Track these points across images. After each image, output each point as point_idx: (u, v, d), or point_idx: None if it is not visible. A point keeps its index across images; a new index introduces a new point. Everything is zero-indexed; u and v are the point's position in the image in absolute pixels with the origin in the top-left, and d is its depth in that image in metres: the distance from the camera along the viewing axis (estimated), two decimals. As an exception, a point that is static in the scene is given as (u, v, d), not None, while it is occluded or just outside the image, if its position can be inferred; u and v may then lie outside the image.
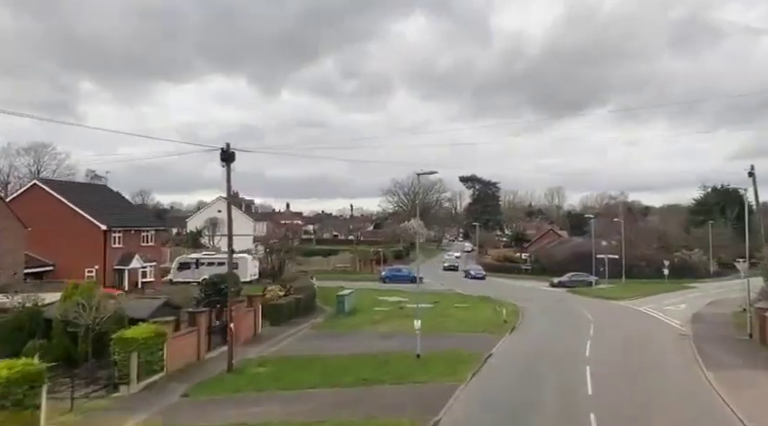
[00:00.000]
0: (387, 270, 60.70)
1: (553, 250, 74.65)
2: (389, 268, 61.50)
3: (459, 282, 61.60)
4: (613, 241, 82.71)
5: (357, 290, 49.39)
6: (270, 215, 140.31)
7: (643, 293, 48.60)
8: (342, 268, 67.29)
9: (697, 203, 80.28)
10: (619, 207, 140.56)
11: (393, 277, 59.68)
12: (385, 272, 60.32)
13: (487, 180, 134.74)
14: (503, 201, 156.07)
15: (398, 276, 59.93)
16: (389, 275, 59.89)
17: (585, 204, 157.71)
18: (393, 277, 59.68)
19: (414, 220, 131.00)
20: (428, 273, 74.06)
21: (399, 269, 61.51)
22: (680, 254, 67.33)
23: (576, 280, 57.92)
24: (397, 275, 60.22)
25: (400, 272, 60.89)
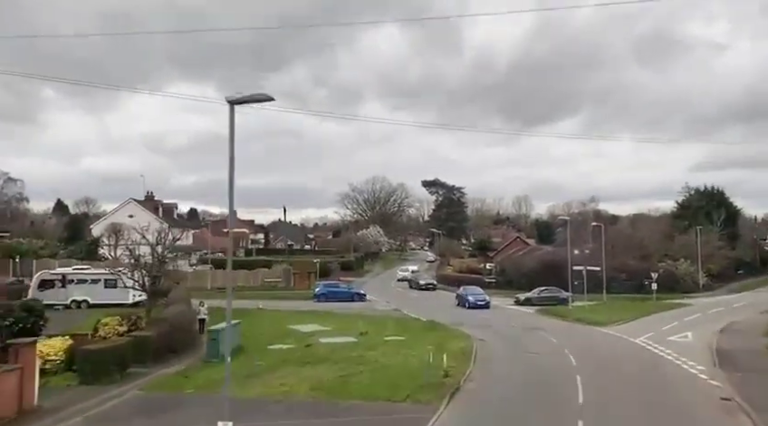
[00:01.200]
0: (321, 286, 49.55)
1: (521, 260, 64.56)
2: (325, 284, 50.40)
3: (409, 299, 50.87)
4: (586, 250, 73.24)
5: (272, 313, 38.65)
6: (213, 223, 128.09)
7: (632, 314, 38.50)
8: (273, 283, 55.87)
9: (680, 206, 71.16)
10: (589, 213, 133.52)
11: (329, 295, 48.63)
12: (319, 288, 49.16)
13: (451, 185, 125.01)
14: (470, 210, 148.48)
15: (335, 294, 48.93)
16: (324, 292, 48.78)
17: (552, 212, 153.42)
18: (329, 295, 48.63)
19: (372, 227, 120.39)
20: (380, 288, 63.32)
21: (337, 285, 50.43)
22: (665, 264, 57.86)
23: (547, 296, 47.72)
24: (334, 291, 49.16)
25: (338, 288, 49.81)
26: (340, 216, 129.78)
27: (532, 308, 44.38)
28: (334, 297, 48.34)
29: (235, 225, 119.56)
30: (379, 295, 54.58)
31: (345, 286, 49.90)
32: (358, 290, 50.14)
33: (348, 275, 74.10)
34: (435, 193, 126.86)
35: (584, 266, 43.01)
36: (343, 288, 49.56)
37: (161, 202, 64.66)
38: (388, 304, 46.46)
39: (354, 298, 48.89)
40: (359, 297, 49.08)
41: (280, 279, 55.90)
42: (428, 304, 46.25)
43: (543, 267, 59.39)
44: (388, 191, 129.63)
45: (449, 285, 64.17)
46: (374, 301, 49.59)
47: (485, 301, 44.11)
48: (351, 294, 49.22)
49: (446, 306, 45.43)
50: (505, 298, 51.39)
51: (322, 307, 43.94)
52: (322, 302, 47.92)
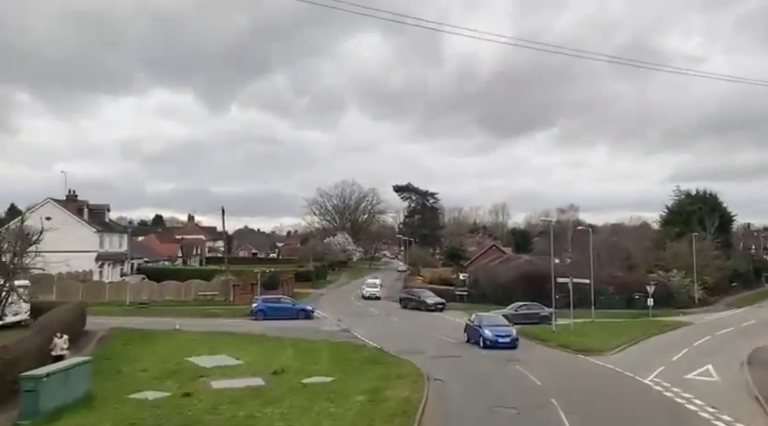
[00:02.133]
0: (259, 301, 41.41)
1: (496, 270, 57.26)
2: (264, 298, 42.26)
3: (367, 318, 43.09)
4: (568, 259, 66.39)
5: (185, 337, 30.73)
6: (166, 230, 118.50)
7: (628, 336, 31.24)
8: (209, 297, 47.55)
9: (670, 211, 64.53)
10: (567, 222, 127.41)
11: (269, 311, 40.62)
12: (256, 304, 41.03)
13: (424, 191, 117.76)
14: (447, 218, 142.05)
15: (276, 310, 40.88)
16: (263, 308, 40.71)
17: (530, 222, 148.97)
18: (269, 311, 40.62)
19: (340, 235, 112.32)
20: (338, 302, 55.48)
21: (278, 299, 42.31)
22: (657, 276, 51.05)
23: (525, 314, 40.34)
24: (274, 307, 41.08)
25: (279, 303, 41.71)
26: (307, 222, 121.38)
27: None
28: (275, 314, 40.37)
29: (193, 231, 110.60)
30: (333, 310, 46.78)
31: (289, 301, 41.88)
32: (304, 306, 42.20)
33: (304, 287, 66.07)
34: (407, 199, 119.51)
35: (570, 279, 35.58)
36: (286, 304, 41.54)
37: (86, 203, 55.93)
38: (339, 324, 38.63)
39: (299, 315, 40.97)
40: (304, 314, 41.19)
41: (217, 292, 47.63)
42: (382, 323, 38.49)
43: (521, 279, 52.22)
44: (358, 197, 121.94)
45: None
46: (323, 319, 41.75)
47: (511, 338, 28.57)
48: (296, 310, 41.26)
49: (406, 324, 37.71)
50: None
51: (257, 327, 36.06)
52: (260, 320, 39.99)
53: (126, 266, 60.85)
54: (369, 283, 60.95)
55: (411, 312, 47.70)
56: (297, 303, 42.26)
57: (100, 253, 54.45)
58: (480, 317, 30.99)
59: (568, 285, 34.79)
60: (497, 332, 28.78)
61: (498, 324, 30.27)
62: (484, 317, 31.23)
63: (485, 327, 29.04)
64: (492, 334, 28.57)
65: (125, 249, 61.16)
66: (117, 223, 61.96)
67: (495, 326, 29.53)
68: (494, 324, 30.06)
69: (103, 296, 45.47)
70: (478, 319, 30.53)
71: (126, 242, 61.57)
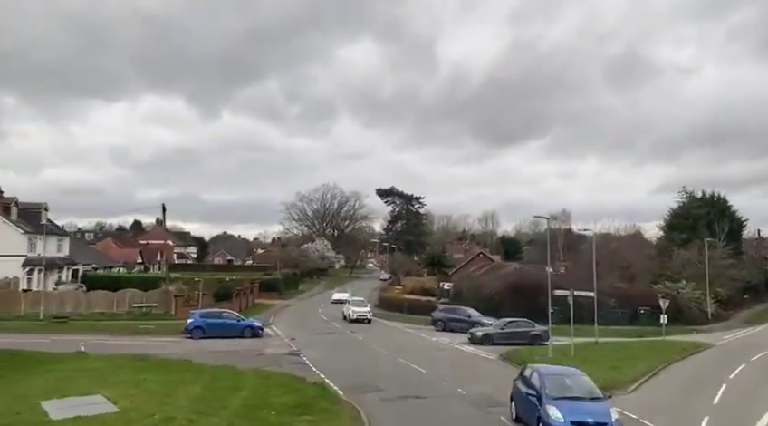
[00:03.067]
0: (196, 317, 34.30)
1: (482, 279, 50.59)
2: (202, 313, 35.20)
3: (326, 336, 36.21)
4: (561, 268, 59.94)
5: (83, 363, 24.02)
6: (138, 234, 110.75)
7: (645, 364, 24.60)
8: (146, 309, 40.46)
9: (676, 215, 58.05)
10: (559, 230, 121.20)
11: (208, 329, 33.70)
12: (192, 319, 33.97)
13: (409, 195, 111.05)
14: (436, 226, 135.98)
15: (216, 327, 33.97)
16: (201, 324, 33.71)
17: (519, 230, 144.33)
18: (208, 329, 33.70)
19: (319, 241, 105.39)
20: (304, 315, 48.57)
21: (219, 314, 35.22)
22: (663, 287, 44.65)
23: (514, 332, 33.57)
24: (214, 324, 34.11)
25: (221, 318, 34.69)
26: (285, 228, 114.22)
27: (493, 350, 30.08)
28: (215, 332, 33.42)
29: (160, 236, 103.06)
30: (291, 326, 39.95)
31: (233, 317, 34.85)
32: (252, 322, 35.21)
33: (269, 298, 59.06)
34: (391, 203, 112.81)
35: (571, 291, 28.82)
36: (229, 319, 34.50)
37: (16, 200, 48.70)
38: (290, 344, 31.78)
39: (245, 333, 34.03)
40: (251, 332, 34.26)
41: (155, 304, 40.54)
42: (360, 350, 31.71)
43: (510, 289, 45.62)
44: (340, 201, 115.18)
45: (391, 311, 49.79)
46: (275, 337, 34.88)
47: None
48: (241, 327, 34.27)
49: (376, 343, 30.88)
50: (457, 333, 37.22)
51: (187, 349, 29.30)
52: (197, 339, 33.03)
53: (66, 273, 53.56)
54: (339, 298, 53.75)
55: (383, 329, 40.85)
56: (243, 318, 35.27)
57: (30, 258, 47.19)
58: (540, 374, 14.99)
59: (567, 299, 28.10)
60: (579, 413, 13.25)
61: (581, 394, 14.24)
62: (548, 375, 14.99)
63: (552, 402, 13.52)
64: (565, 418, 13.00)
65: (65, 254, 53.88)
66: (56, 225, 54.62)
67: (574, 401, 13.73)
68: (570, 393, 14.14)
69: (19, 309, 38.30)
70: (537, 377, 14.91)
71: (66, 246, 54.28)
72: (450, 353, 29.57)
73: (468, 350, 31.11)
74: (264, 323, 35.82)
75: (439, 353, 29.40)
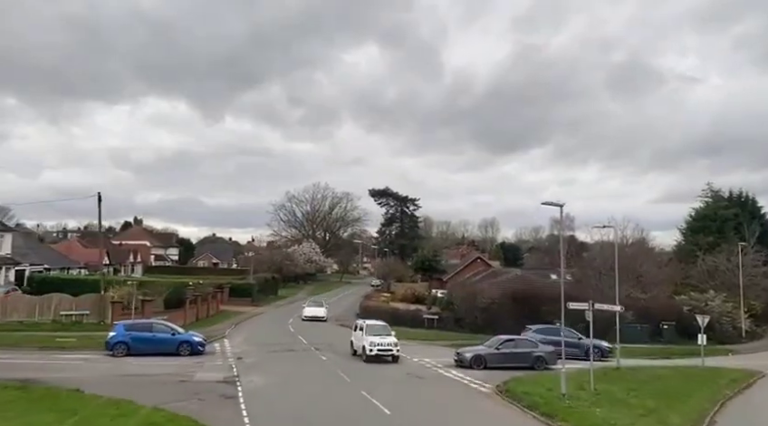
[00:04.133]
0: (120, 328, 27.60)
1: (476, 287, 43.82)
2: (129, 324, 28.54)
3: (285, 353, 29.54)
4: (568, 275, 53.14)
5: None
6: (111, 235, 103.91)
7: (696, 407, 17.91)
8: (77, 318, 33.87)
9: (699, 217, 51.06)
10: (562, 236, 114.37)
11: (134, 344, 27.18)
12: (115, 333, 27.31)
13: (403, 196, 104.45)
14: (435, 233, 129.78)
15: (145, 341, 27.47)
16: (125, 339, 27.09)
17: (520, 237, 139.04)
18: (134, 344, 27.18)
19: (306, 243, 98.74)
20: (272, 326, 41.93)
21: (150, 326, 28.41)
22: (688, 299, 37.99)
23: (512, 353, 26.53)
24: (143, 338, 27.54)
25: (152, 331, 27.99)
26: (273, 230, 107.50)
27: (485, 379, 23.30)
28: (143, 348, 26.88)
29: (137, 236, 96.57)
30: (250, 340, 33.45)
31: (167, 329, 28.13)
32: (191, 336, 28.52)
33: (240, 304, 52.53)
34: (385, 205, 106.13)
35: (590, 304, 21.91)
36: (162, 332, 27.79)
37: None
38: (233, 366, 25.19)
39: (180, 350, 27.47)
40: (190, 348, 27.68)
41: (87, 312, 33.95)
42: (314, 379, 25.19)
43: (510, 299, 39.05)
44: (331, 202, 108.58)
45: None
46: (219, 355, 28.28)
47: None
48: (176, 342, 27.65)
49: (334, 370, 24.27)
50: (444, 351, 30.55)
51: (96, 370, 23.03)
52: (120, 356, 26.49)
53: (3, 273, 47.06)
54: (313, 315, 44.83)
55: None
56: (180, 331, 28.55)
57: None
58: None
59: (585, 315, 21.31)
60: None
61: None
62: None
63: None
64: None
65: (6, 252, 47.36)
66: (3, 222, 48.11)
67: None
68: None
69: None
70: None
71: (8, 243, 47.79)
72: (430, 383, 22.86)
73: (454, 376, 24.37)
74: (205, 338, 29.10)
75: (415, 383, 22.73)
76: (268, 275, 67.51)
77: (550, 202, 21.51)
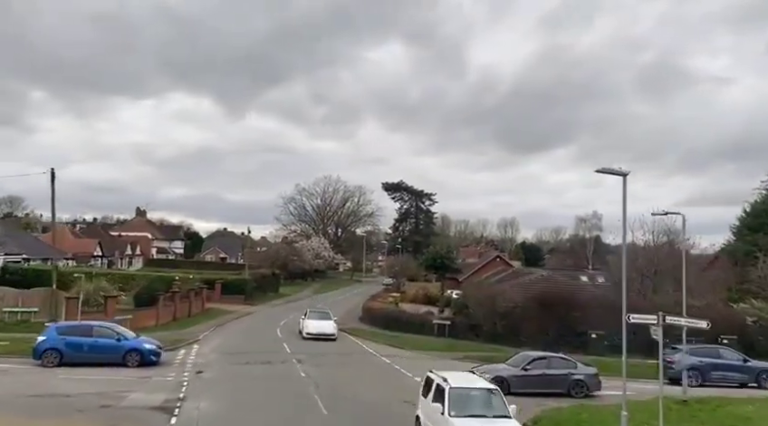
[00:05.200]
0: (52, 331, 22.18)
1: (498, 288, 37.62)
2: (65, 326, 23.12)
3: (258, 366, 23.84)
4: (599, 278, 46.96)
5: None
6: (100, 225, 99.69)
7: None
8: (22, 317, 28.70)
9: (756, 213, 44.04)
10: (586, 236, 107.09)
11: (68, 350, 21.90)
12: (45, 336, 21.94)
13: (419, 190, 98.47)
14: (453, 232, 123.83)
15: (86, 348, 22.18)
16: (59, 345, 21.80)
17: (540, 238, 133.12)
18: (68, 350, 21.90)
19: (315, 238, 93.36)
20: (257, 329, 36.46)
21: (89, 329, 22.82)
22: (750, 308, 31.52)
23: (545, 376, 20.41)
24: (82, 344, 22.17)
25: (91, 336, 22.47)
26: (282, 224, 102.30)
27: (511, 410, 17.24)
28: (80, 356, 21.62)
29: (139, 228, 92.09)
30: (224, 346, 28.01)
31: (112, 334, 22.61)
32: (140, 343, 22.94)
33: (232, 302, 47.27)
34: (399, 200, 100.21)
35: (660, 316, 15.67)
36: (105, 337, 22.29)
37: None
38: (186, 382, 19.70)
39: (127, 359, 22.06)
40: (139, 357, 22.25)
41: (36, 309, 28.76)
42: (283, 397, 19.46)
43: (536, 304, 32.98)
44: (343, 196, 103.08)
45: (376, 326, 37.51)
46: (175, 366, 22.76)
47: None
48: (123, 350, 22.19)
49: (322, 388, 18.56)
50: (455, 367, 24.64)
51: (11, 386, 17.68)
52: (50, 366, 21.20)
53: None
54: (320, 332, 31.78)
55: (351, 355, 28.36)
56: (129, 337, 23.02)
57: None
58: None
59: (651, 331, 15.18)
60: None
61: None
62: None
63: None
64: None
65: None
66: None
67: None
68: None
69: None
70: None
71: None
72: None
73: None
74: (160, 346, 23.56)
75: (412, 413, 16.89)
76: (267, 270, 62.10)
77: (666, 212, 15.96)
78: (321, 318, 33.18)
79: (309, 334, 31.47)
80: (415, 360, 26.64)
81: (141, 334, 24.78)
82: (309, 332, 31.58)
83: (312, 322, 32.38)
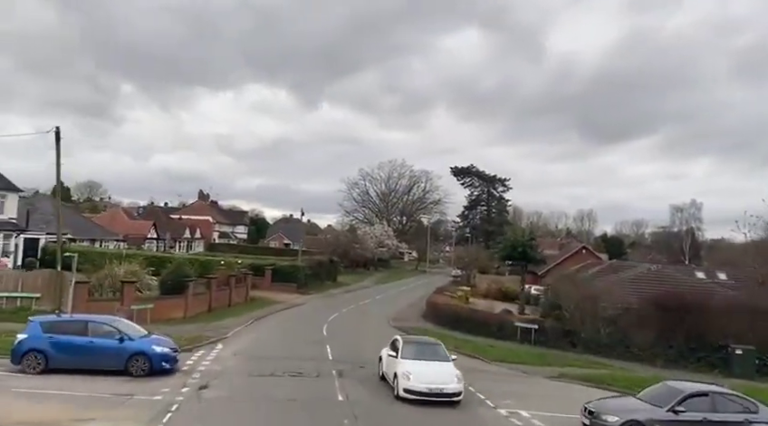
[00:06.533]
0: (35, 327, 16.80)
1: (599, 286, 29.68)
2: (52, 321, 17.71)
3: (283, 381, 17.63)
4: (721, 275, 38.14)
5: None
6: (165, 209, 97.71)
7: None
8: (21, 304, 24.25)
9: None
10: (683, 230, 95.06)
11: (60, 354, 16.73)
12: (27, 334, 16.68)
13: (491, 175, 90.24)
14: (525, 224, 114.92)
15: (78, 351, 16.89)
16: (44, 345, 16.40)
17: (619, 232, 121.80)
18: (60, 354, 16.73)
19: (378, 225, 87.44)
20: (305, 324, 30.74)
21: (84, 326, 17.18)
22: None
23: (707, 423, 13.33)
24: (73, 345, 16.76)
25: (86, 335, 16.78)
26: (345, 211, 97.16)
27: None
28: (72, 360, 16.39)
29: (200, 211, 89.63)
30: (254, 348, 22.31)
31: (113, 332, 17.08)
32: (149, 344, 17.11)
33: (281, 290, 42.10)
34: (469, 185, 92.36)
35: None
36: (102, 337, 16.84)
37: None
38: (190, 398, 13.92)
39: (130, 366, 16.56)
40: (147, 364, 16.68)
41: (38, 295, 24.22)
42: None
43: (653, 307, 25.18)
44: (409, 182, 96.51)
45: (442, 326, 30.84)
46: (180, 377, 17.01)
47: None
48: (126, 354, 16.59)
49: None
50: (551, 388, 17.55)
51: None
52: (34, 373, 16.16)
53: (12, 241, 39.39)
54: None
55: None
56: (135, 335, 17.34)
57: None
58: None
59: None
60: None
61: None
62: None
63: None
64: None
65: (9, 217, 39.57)
66: (4, 177, 40.36)
67: None
68: None
69: None
70: None
71: (12, 206, 39.96)
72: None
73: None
74: (176, 348, 17.94)
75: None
76: (325, 257, 56.70)
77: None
78: (431, 356, 16.32)
79: (411, 391, 15.08)
80: (499, 379, 19.72)
81: (156, 331, 19.48)
82: (410, 388, 15.09)
83: (416, 366, 15.52)
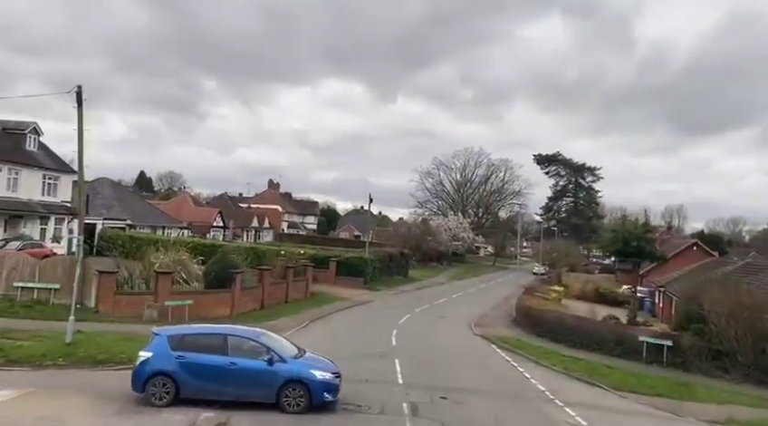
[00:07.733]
0: (162, 340, 11.99)
1: (755, 294, 22.42)
2: (180, 333, 12.40)
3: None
4: None
5: None
6: (219, 197, 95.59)
7: None
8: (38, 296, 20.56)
9: None
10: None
11: (200, 378, 11.94)
12: (152, 351, 11.79)
13: (579, 164, 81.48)
14: (607, 220, 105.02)
15: (223, 377, 11.91)
16: (171, 367, 11.68)
17: (712, 229, 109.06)
18: (200, 378, 11.94)
19: (452, 217, 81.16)
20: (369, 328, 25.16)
21: (224, 341, 12.10)
22: None
23: None
24: (217, 369, 11.83)
25: (227, 357, 11.77)
26: (418, 201, 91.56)
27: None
28: (208, 389, 11.95)
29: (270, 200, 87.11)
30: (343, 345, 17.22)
31: (261, 348, 11.88)
32: (306, 369, 11.94)
33: (348, 285, 37.30)
34: (554, 174, 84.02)
35: None
36: (247, 357, 11.85)
37: None
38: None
39: (283, 397, 11.81)
40: (305, 395, 11.81)
41: (57, 286, 20.49)
42: None
43: None
44: (486, 172, 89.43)
45: (537, 335, 24.71)
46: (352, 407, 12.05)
47: None
48: (278, 381, 11.75)
49: None
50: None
51: None
52: (160, 404, 11.65)
53: (65, 226, 37.08)
54: None
55: (488, 401, 16.05)
56: (286, 356, 12.08)
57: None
58: None
59: None
60: None
61: None
62: None
63: None
64: None
65: (62, 200, 37.23)
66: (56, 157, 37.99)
67: None
68: None
69: None
70: None
71: (66, 188, 37.57)
72: None
73: None
74: (337, 372, 12.30)
75: None
76: (395, 250, 51.51)
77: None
78: None
79: None
80: (621, 417, 13.59)
81: (307, 349, 13.54)
82: None
83: None
